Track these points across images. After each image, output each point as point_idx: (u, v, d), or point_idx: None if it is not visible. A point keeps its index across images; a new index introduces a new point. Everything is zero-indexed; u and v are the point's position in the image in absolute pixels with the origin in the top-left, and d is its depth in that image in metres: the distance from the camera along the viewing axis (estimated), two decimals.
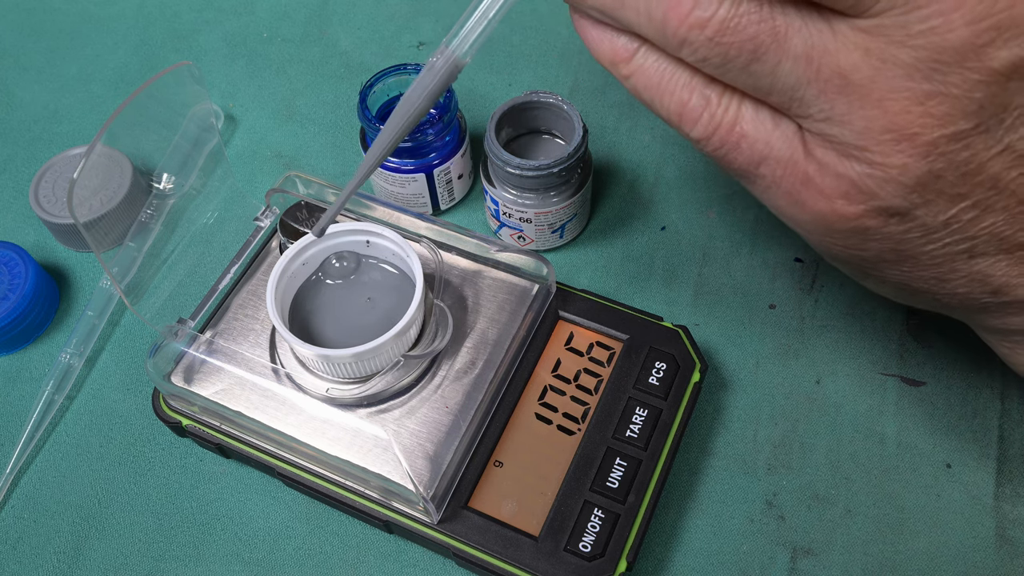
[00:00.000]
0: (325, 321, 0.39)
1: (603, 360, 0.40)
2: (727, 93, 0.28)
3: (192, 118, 0.43)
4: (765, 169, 0.28)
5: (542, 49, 0.55)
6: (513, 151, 0.44)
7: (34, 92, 0.55)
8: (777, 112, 0.28)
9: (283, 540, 0.38)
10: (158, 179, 0.45)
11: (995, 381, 0.41)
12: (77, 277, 0.47)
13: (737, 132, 0.28)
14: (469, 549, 0.35)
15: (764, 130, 0.28)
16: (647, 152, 0.50)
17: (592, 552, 0.34)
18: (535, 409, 0.39)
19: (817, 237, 0.29)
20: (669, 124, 0.29)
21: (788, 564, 0.37)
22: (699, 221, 0.47)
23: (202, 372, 0.39)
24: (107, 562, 0.38)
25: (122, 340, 0.45)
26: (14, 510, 0.40)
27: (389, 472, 0.36)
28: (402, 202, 0.46)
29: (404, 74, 0.45)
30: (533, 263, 0.41)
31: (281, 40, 0.57)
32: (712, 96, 0.28)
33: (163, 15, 0.58)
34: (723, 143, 0.28)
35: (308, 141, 0.52)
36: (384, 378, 0.38)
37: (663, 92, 0.29)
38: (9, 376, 0.44)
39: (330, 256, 0.41)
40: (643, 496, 0.36)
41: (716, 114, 0.28)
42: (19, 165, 0.51)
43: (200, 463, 0.40)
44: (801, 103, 0.26)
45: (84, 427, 0.42)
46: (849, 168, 0.26)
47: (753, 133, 0.28)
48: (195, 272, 0.42)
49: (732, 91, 0.28)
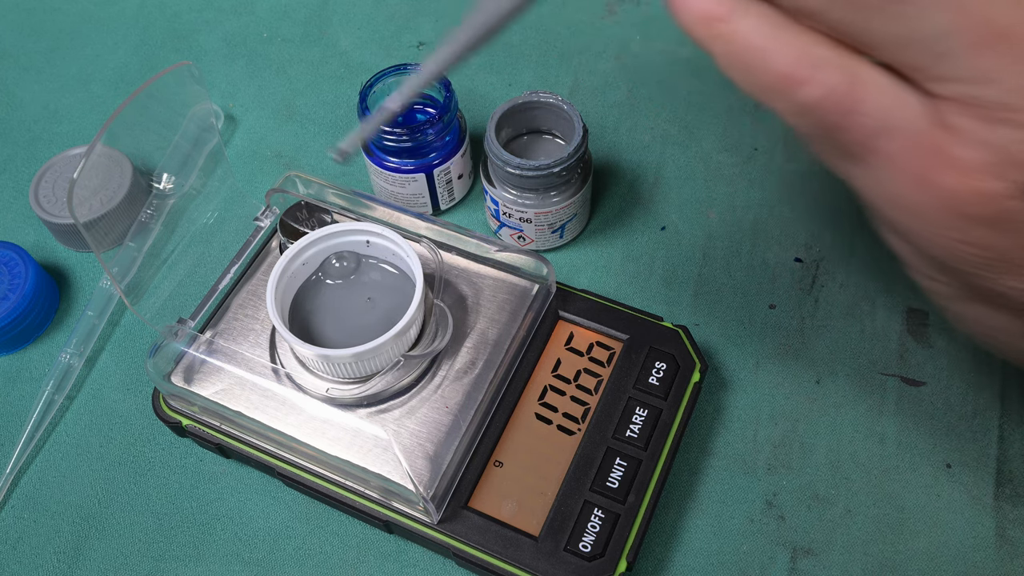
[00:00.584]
0: (325, 321, 0.39)
1: (603, 360, 0.40)
2: (842, 51, 0.24)
3: (192, 118, 0.43)
4: (884, 142, 0.24)
5: (542, 49, 0.55)
6: (513, 151, 0.44)
7: (34, 92, 0.55)
8: (899, 76, 0.24)
9: (283, 540, 0.38)
10: (158, 179, 0.45)
11: (995, 381, 0.41)
12: (77, 277, 0.47)
13: (855, 96, 0.24)
14: (469, 549, 0.35)
15: (886, 94, 0.24)
16: (647, 152, 0.50)
17: (592, 552, 0.34)
18: (535, 409, 0.39)
19: (940, 229, 0.25)
20: (767, 94, 0.26)
21: (788, 564, 0.37)
22: (699, 221, 0.47)
23: (202, 372, 0.39)
24: (107, 562, 0.38)
25: (122, 340, 0.45)
26: (14, 510, 0.40)
27: (389, 472, 0.36)
28: (402, 202, 0.46)
29: (404, 74, 0.45)
30: (533, 263, 0.41)
31: (281, 40, 0.57)
32: (825, 54, 0.24)
33: (163, 15, 0.58)
34: (837, 109, 0.24)
35: (308, 141, 0.52)
36: (384, 378, 0.38)
37: (767, 53, 0.25)
38: (9, 376, 0.44)
39: (330, 256, 0.41)
40: (643, 496, 0.36)
41: (831, 75, 0.24)
42: (19, 165, 0.51)
43: (200, 463, 0.40)
44: (942, 58, 0.23)
45: (84, 427, 0.42)
46: (997, 135, 0.23)
47: (874, 97, 0.24)
48: (195, 272, 0.42)
49: (847, 49, 0.24)
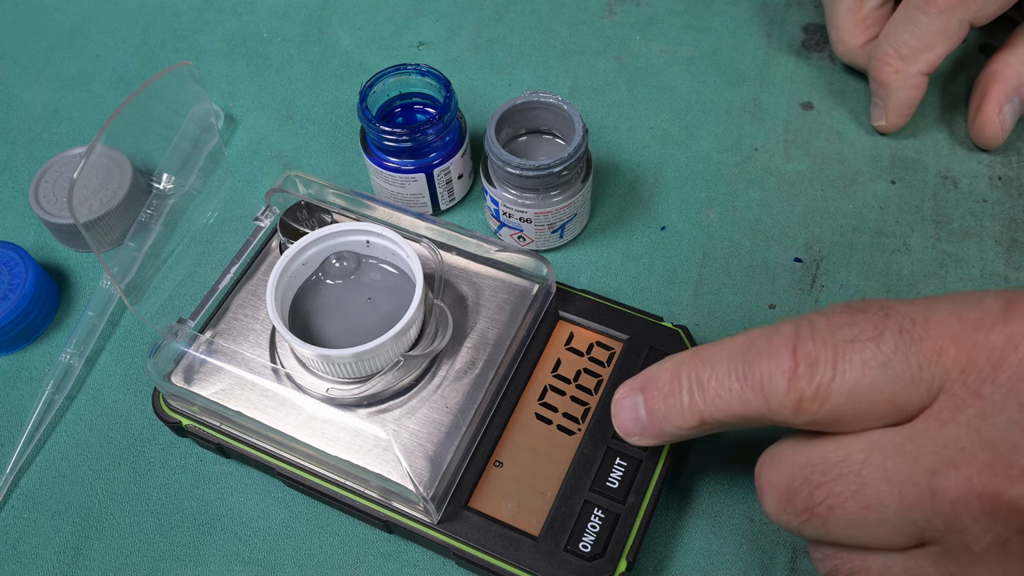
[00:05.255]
0: (325, 321, 0.39)
1: (603, 360, 0.40)
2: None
3: (192, 118, 0.43)
4: None
5: (542, 49, 0.55)
6: (513, 151, 0.44)
7: (34, 92, 0.55)
8: None
9: (283, 540, 0.38)
10: (158, 179, 0.45)
11: None
12: (77, 277, 0.47)
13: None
14: (469, 549, 0.35)
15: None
16: (647, 152, 0.50)
17: (592, 552, 0.34)
18: (535, 409, 0.38)
19: None
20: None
21: (788, 564, 0.37)
22: (699, 221, 0.47)
23: (202, 372, 0.39)
24: (107, 562, 0.38)
25: (122, 340, 0.45)
26: (14, 510, 0.40)
27: (389, 472, 0.36)
28: (402, 202, 0.46)
29: (404, 74, 0.45)
30: (533, 263, 0.41)
31: (281, 40, 0.57)
32: None
33: (163, 15, 0.58)
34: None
35: (308, 141, 0.52)
36: (384, 378, 0.38)
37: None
38: (9, 376, 0.44)
39: (330, 256, 0.41)
40: (643, 496, 0.36)
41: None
42: (19, 165, 0.51)
43: (200, 463, 0.40)
44: None
45: (84, 427, 0.42)
46: None
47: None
48: (195, 272, 0.42)
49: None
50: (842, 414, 0.28)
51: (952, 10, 0.43)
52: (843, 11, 0.49)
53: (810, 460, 0.29)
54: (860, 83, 0.51)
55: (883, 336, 0.28)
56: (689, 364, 0.32)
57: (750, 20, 0.55)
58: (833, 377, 0.28)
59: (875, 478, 0.28)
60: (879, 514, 0.28)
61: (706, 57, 0.54)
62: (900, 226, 0.46)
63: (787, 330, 0.29)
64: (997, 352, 0.26)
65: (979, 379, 0.27)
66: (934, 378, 0.27)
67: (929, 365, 0.27)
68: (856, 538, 0.29)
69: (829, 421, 0.29)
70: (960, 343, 0.27)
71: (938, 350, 0.27)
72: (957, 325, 0.27)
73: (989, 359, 0.26)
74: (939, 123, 0.50)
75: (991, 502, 0.25)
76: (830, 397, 0.28)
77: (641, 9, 0.56)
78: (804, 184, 0.48)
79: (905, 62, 0.45)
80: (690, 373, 0.31)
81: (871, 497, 0.28)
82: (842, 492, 0.28)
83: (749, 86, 0.52)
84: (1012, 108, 0.46)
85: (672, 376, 0.32)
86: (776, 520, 0.31)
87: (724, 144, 0.50)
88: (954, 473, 0.26)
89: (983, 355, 0.27)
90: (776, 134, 0.50)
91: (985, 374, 0.26)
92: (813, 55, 0.53)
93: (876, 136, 0.49)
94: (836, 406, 0.28)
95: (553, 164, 0.41)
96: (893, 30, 0.46)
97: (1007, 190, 0.47)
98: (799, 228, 0.46)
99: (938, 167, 0.48)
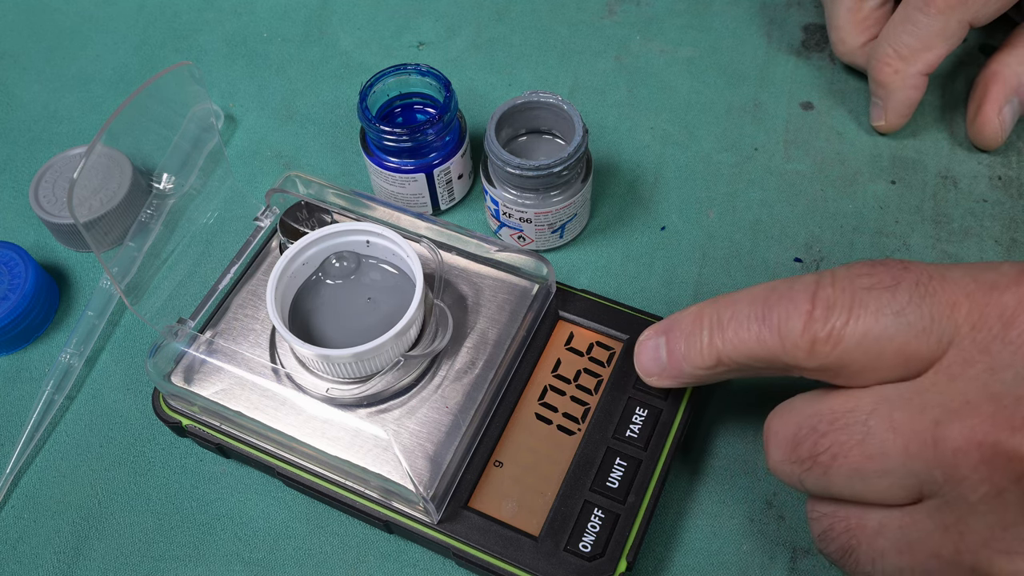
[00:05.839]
0: (325, 321, 0.39)
1: (603, 360, 0.40)
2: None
3: (192, 118, 0.43)
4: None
5: (542, 49, 0.55)
6: (513, 151, 0.44)
7: (34, 92, 0.55)
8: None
9: (283, 540, 0.38)
10: (158, 179, 0.45)
11: None
12: (77, 277, 0.47)
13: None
14: (469, 549, 0.35)
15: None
16: (647, 152, 0.50)
17: (592, 552, 0.34)
18: (535, 409, 0.39)
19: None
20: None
21: (788, 564, 0.37)
22: (699, 221, 0.47)
23: (202, 372, 0.39)
24: (107, 562, 0.38)
25: (122, 340, 0.45)
26: (14, 510, 0.40)
27: (389, 472, 0.36)
28: (402, 202, 0.46)
29: (404, 74, 0.45)
30: (533, 263, 0.41)
31: (281, 40, 0.57)
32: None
33: (163, 15, 0.58)
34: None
35: (308, 141, 0.52)
36: (384, 378, 0.38)
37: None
38: (9, 376, 0.44)
39: (330, 256, 0.41)
40: (643, 496, 0.36)
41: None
42: (19, 165, 0.51)
43: (200, 463, 0.40)
44: None
45: (84, 427, 0.42)
46: None
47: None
48: (195, 272, 0.42)
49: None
50: (852, 359, 0.29)
51: (951, 10, 0.43)
52: (843, 11, 0.49)
53: (818, 410, 0.30)
54: (860, 83, 0.51)
55: (899, 286, 0.28)
56: (711, 306, 0.33)
57: (750, 20, 0.55)
58: (847, 321, 0.29)
59: (881, 428, 0.28)
60: (881, 464, 0.28)
61: (706, 57, 0.54)
62: (900, 226, 0.46)
63: (809, 278, 0.31)
64: (1009, 311, 0.27)
65: (989, 336, 0.27)
66: (944, 332, 0.28)
67: (941, 318, 0.28)
68: (856, 490, 0.29)
69: (839, 366, 0.29)
70: (973, 300, 0.28)
71: (951, 304, 0.28)
72: (972, 284, 0.28)
73: (1000, 317, 0.27)
74: (939, 123, 0.50)
75: (991, 451, 0.26)
76: (842, 340, 0.29)
77: (641, 9, 0.56)
78: (804, 184, 0.48)
79: (904, 62, 0.45)
80: (711, 314, 0.33)
81: (875, 447, 0.28)
82: (847, 441, 0.29)
83: (749, 86, 0.52)
84: (1012, 109, 0.46)
85: (695, 317, 0.33)
86: (778, 470, 0.32)
87: (724, 144, 0.50)
88: (958, 424, 0.27)
89: (995, 313, 0.27)
90: (776, 134, 0.50)
91: (995, 332, 0.27)
92: (813, 55, 0.53)
93: (876, 136, 0.49)
94: (847, 350, 0.29)
95: (553, 164, 0.41)
96: (892, 30, 0.46)
97: (1007, 190, 0.47)
98: (799, 228, 0.46)
99: (938, 167, 0.48)
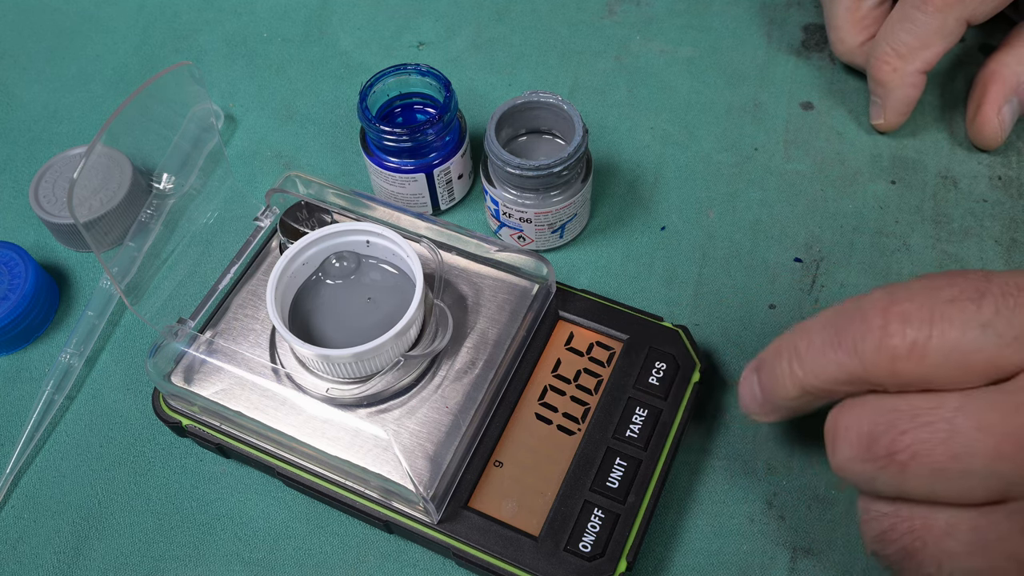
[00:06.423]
0: (325, 321, 0.39)
1: (603, 360, 0.40)
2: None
3: (192, 118, 0.43)
4: None
5: (542, 49, 0.55)
6: (513, 151, 0.44)
7: (34, 92, 0.55)
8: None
9: (283, 540, 0.38)
10: (158, 179, 0.45)
11: None
12: (77, 277, 0.47)
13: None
14: (469, 549, 0.35)
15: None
16: (647, 152, 0.50)
17: (592, 552, 0.34)
18: (535, 409, 0.39)
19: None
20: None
21: (788, 564, 0.37)
22: (699, 221, 0.47)
23: (202, 372, 0.39)
24: (107, 562, 0.38)
25: (122, 340, 0.45)
26: (14, 510, 0.40)
27: (389, 472, 0.36)
28: (402, 202, 0.46)
29: (404, 74, 0.45)
30: (533, 263, 0.41)
31: (281, 40, 0.57)
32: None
33: (163, 15, 0.58)
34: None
35: (308, 141, 0.52)
36: (384, 378, 0.38)
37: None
38: (9, 376, 0.44)
39: (330, 256, 0.41)
40: (643, 496, 0.36)
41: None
42: (19, 165, 0.51)
43: (200, 463, 0.40)
44: None
45: (84, 427, 0.42)
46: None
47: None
48: (195, 272, 0.42)
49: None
50: (940, 374, 0.28)
51: (949, 8, 0.43)
52: (841, 11, 0.49)
53: (897, 407, 0.29)
54: (860, 83, 0.51)
55: (984, 298, 0.28)
56: (789, 337, 0.32)
57: (750, 20, 0.55)
58: (930, 336, 0.28)
59: (968, 427, 0.27)
60: (966, 464, 0.27)
61: (706, 57, 0.54)
62: (900, 226, 0.46)
63: (877, 293, 0.30)
64: None
65: None
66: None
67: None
68: (933, 490, 0.28)
69: (924, 382, 0.28)
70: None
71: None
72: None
73: None
74: (939, 123, 0.50)
75: None
76: (928, 355, 0.28)
77: (641, 9, 0.56)
78: (804, 184, 0.48)
79: (903, 60, 0.45)
80: (789, 345, 0.32)
81: (961, 446, 0.27)
82: (930, 439, 0.28)
83: (749, 86, 0.52)
84: (1011, 108, 0.46)
85: (775, 350, 0.33)
86: (844, 469, 0.30)
87: (724, 144, 0.50)
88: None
89: None
90: (776, 134, 0.50)
91: None
92: (813, 55, 0.53)
93: (876, 136, 0.49)
94: (934, 364, 0.28)
95: (553, 164, 0.41)
96: (890, 29, 0.46)
97: (1007, 190, 0.47)
98: (799, 228, 0.46)
99: (938, 167, 0.48)
